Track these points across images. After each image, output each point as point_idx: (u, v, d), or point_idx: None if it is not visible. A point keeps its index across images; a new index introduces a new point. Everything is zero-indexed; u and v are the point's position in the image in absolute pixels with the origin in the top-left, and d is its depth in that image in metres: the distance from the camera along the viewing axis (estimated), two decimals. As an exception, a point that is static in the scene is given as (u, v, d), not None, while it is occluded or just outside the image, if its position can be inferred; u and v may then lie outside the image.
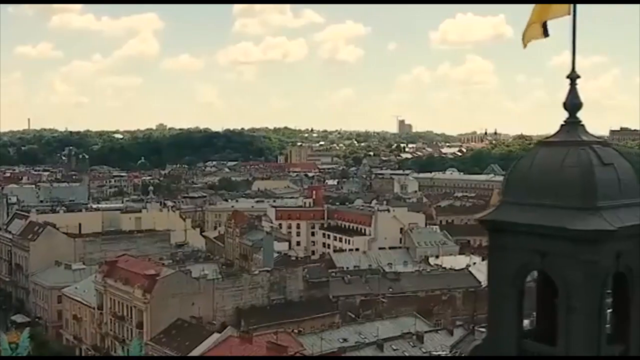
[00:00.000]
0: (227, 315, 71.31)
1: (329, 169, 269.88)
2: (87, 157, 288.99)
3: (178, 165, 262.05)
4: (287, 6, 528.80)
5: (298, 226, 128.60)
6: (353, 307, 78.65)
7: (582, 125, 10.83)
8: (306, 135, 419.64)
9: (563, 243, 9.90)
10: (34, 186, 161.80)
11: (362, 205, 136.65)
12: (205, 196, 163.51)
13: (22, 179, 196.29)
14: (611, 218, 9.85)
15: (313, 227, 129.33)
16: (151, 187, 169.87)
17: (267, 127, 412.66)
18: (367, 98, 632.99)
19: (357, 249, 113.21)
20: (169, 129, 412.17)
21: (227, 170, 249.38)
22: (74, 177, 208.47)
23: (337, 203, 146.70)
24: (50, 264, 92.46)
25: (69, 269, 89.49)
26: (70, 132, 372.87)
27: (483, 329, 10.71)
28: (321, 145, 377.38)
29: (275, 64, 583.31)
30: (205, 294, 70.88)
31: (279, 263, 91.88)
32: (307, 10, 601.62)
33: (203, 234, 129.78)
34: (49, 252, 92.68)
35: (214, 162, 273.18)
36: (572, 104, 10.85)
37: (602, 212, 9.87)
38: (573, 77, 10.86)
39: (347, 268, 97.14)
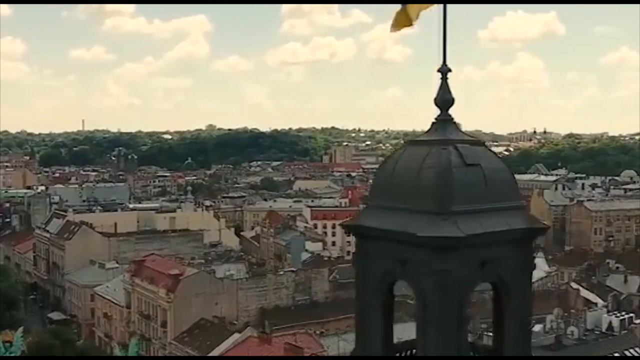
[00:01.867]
0: (250, 316, 71.37)
1: (372, 168, 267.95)
2: (135, 157, 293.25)
3: (223, 165, 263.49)
4: (335, 6, 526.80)
5: (333, 226, 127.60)
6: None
7: (454, 123, 10.04)
8: (353, 135, 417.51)
9: (419, 251, 9.15)
10: (77, 186, 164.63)
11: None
12: (244, 196, 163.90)
13: (70, 179, 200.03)
14: (467, 224, 9.00)
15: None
16: (189, 187, 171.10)
17: (314, 127, 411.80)
18: (414, 97, 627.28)
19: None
20: (218, 129, 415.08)
21: (270, 170, 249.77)
22: (120, 177, 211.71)
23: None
24: (85, 262, 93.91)
25: (102, 268, 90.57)
26: (121, 132, 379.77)
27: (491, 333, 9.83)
28: (367, 145, 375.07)
29: (323, 64, 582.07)
30: (229, 294, 71.00)
31: (311, 263, 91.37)
32: (355, 10, 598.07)
33: (241, 233, 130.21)
34: (84, 251, 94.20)
35: (259, 162, 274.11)
36: (443, 99, 10.11)
37: (458, 218, 9.02)
38: (444, 70, 10.18)
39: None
